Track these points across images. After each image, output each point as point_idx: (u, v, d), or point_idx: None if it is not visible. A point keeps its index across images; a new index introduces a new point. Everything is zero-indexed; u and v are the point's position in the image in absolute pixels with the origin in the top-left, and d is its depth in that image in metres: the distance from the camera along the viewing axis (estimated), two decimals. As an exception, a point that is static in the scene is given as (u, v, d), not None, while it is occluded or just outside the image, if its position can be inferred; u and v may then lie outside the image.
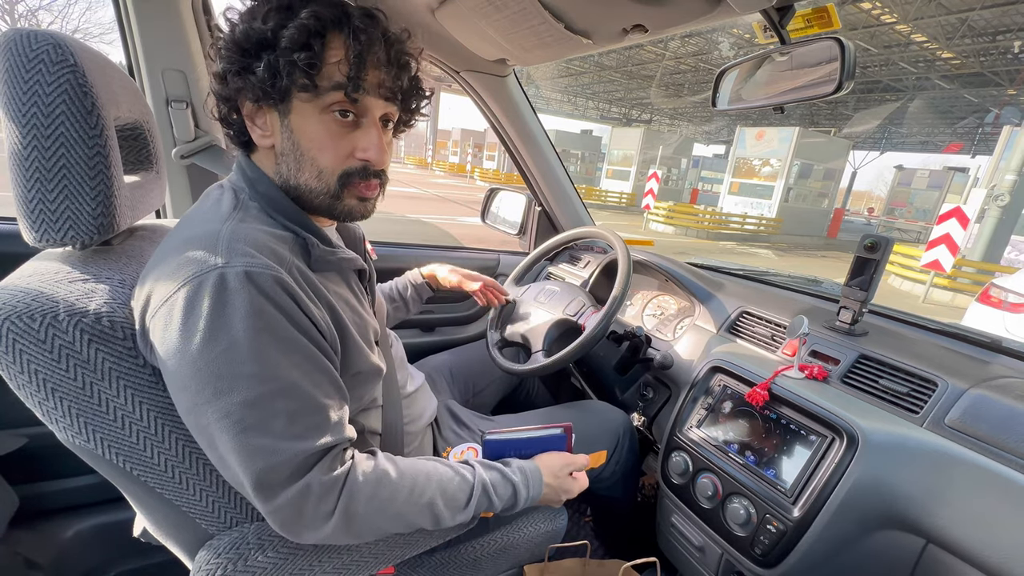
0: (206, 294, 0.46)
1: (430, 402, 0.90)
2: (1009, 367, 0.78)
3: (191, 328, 0.46)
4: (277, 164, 0.58)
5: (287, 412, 0.49)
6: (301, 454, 0.49)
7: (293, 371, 0.50)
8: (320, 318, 0.54)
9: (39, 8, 23.01)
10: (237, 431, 0.47)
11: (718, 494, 0.80)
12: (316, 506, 0.51)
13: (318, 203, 0.58)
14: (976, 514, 0.60)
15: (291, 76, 0.51)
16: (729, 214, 13.16)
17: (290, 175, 0.57)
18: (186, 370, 0.47)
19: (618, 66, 17.24)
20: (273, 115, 0.55)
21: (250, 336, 0.47)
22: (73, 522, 0.96)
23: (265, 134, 0.57)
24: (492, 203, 1.71)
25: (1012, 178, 6.91)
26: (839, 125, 20.49)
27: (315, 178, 0.56)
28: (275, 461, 0.48)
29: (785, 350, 0.92)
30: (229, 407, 0.47)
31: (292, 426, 0.49)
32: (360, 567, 0.63)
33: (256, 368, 0.47)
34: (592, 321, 0.98)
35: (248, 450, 0.48)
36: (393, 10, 0.58)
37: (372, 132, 0.57)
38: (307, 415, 0.51)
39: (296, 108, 0.54)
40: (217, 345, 0.46)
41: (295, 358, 0.50)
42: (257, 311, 0.47)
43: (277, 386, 0.48)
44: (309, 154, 0.55)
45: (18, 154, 0.48)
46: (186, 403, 0.48)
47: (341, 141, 0.56)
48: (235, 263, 0.48)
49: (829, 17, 0.70)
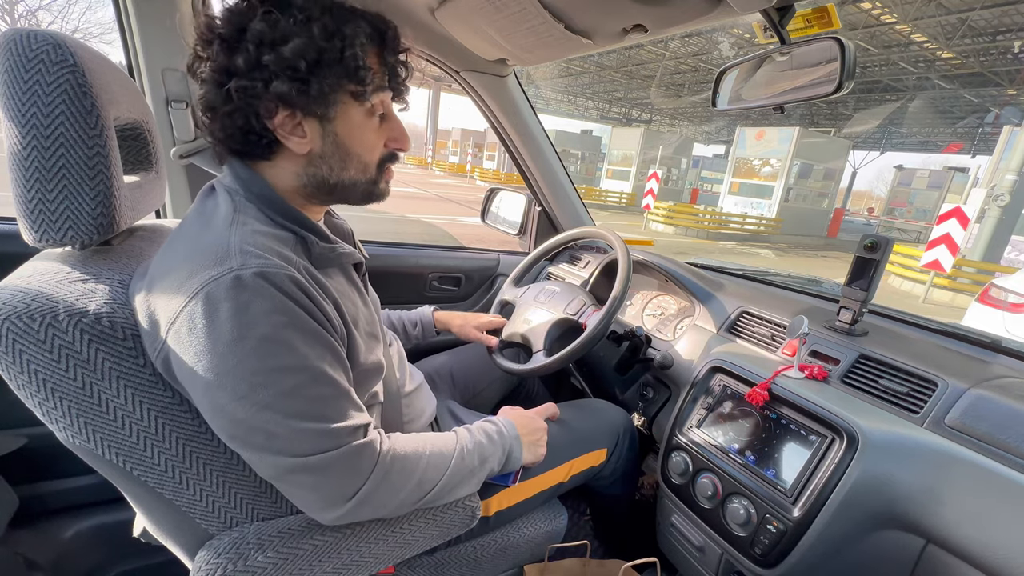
0: (225, 296, 0.47)
1: (429, 402, 0.90)
2: (1009, 367, 0.78)
3: (217, 330, 0.47)
4: (310, 167, 0.58)
5: (323, 397, 0.53)
6: (342, 433, 0.53)
7: (320, 361, 0.53)
8: (331, 314, 0.56)
9: (39, 8, 23.03)
10: (280, 419, 0.50)
11: (718, 494, 0.80)
12: (355, 478, 0.55)
13: (360, 192, 0.63)
14: (976, 514, 0.60)
15: (341, 87, 0.55)
16: (729, 214, 13.16)
17: (330, 174, 0.59)
18: (220, 370, 0.47)
19: (618, 66, 17.23)
20: (313, 123, 0.56)
21: (276, 331, 0.49)
22: (73, 522, 0.96)
23: (304, 141, 0.56)
24: (492, 203, 1.71)
25: (1012, 178, 6.91)
26: (839, 125, 20.49)
27: (361, 172, 0.61)
28: (320, 443, 0.52)
29: (785, 350, 0.92)
30: (268, 399, 0.49)
31: (329, 409, 0.53)
32: (360, 567, 0.63)
33: (289, 360, 0.50)
34: (593, 320, 0.98)
35: (293, 436, 0.50)
36: (393, 10, 0.58)
37: (398, 123, 0.63)
38: (339, 399, 0.54)
39: (340, 113, 0.56)
40: (246, 343, 0.48)
41: (318, 349, 0.53)
42: (279, 308, 0.49)
43: (310, 375, 0.51)
44: (355, 152, 0.59)
45: (18, 154, 0.48)
46: (222, 402, 0.49)
47: (378, 135, 0.61)
48: (250, 264, 0.48)
49: (829, 17, 0.70)
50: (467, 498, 0.70)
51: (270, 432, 0.50)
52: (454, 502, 0.69)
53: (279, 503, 0.61)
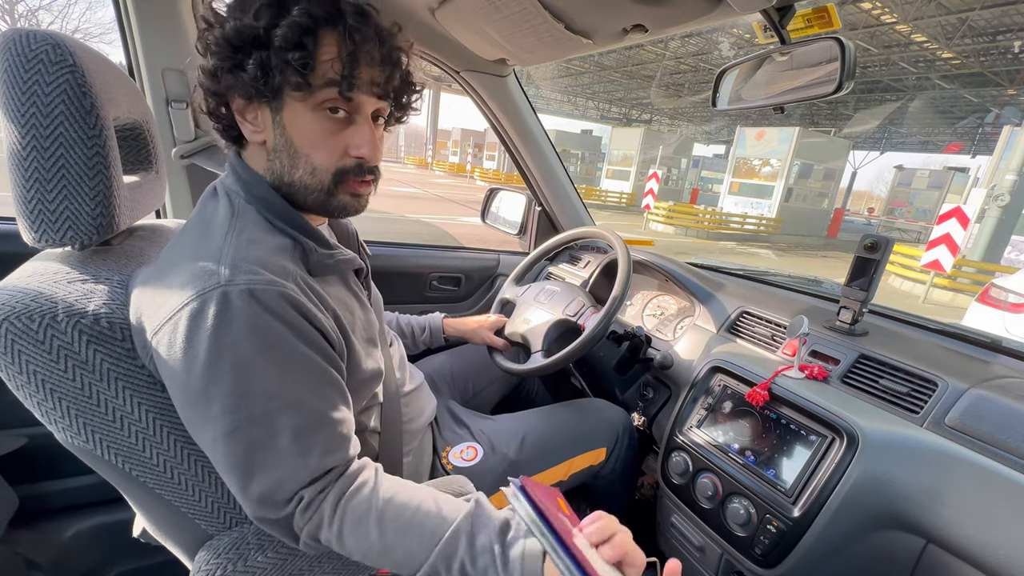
0: (210, 313, 0.46)
1: (429, 401, 0.90)
2: (1009, 367, 0.78)
3: (196, 347, 0.46)
4: (269, 160, 0.57)
5: (292, 428, 0.49)
6: (305, 471, 0.50)
7: (299, 387, 0.50)
8: (329, 327, 0.54)
9: (39, 8, 23.02)
10: (243, 447, 0.48)
11: (718, 494, 0.80)
12: (315, 523, 0.51)
13: (312, 200, 0.57)
14: (976, 514, 0.60)
15: (284, 74, 0.50)
16: (729, 214, 13.16)
17: (283, 172, 0.56)
18: (192, 388, 0.47)
19: (618, 66, 17.23)
20: (265, 111, 0.54)
21: (255, 354, 0.47)
22: (73, 522, 0.96)
23: (257, 130, 0.56)
24: (492, 203, 1.71)
25: (1012, 178, 6.91)
26: (839, 125, 20.49)
27: (309, 175, 0.56)
28: (278, 476, 0.49)
29: (785, 350, 0.92)
30: (236, 423, 0.47)
31: (297, 443, 0.49)
32: (360, 567, 0.63)
33: (262, 385, 0.48)
34: (592, 322, 0.98)
35: (252, 465, 0.48)
36: (392, 9, 0.57)
37: (365, 129, 0.56)
38: (312, 431, 0.51)
39: (289, 105, 0.53)
40: (222, 363, 0.46)
41: (300, 374, 0.50)
42: (262, 329, 0.48)
43: (282, 403, 0.49)
44: (303, 151, 0.55)
45: (17, 154, 0.48)
46: (193, 419, 0.49)
47: (334, 138, 0.55)
48: (238, 280, 0.47)
49: (829, 17, 0.70)
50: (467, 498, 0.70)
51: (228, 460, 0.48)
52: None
53: (279, 503, 0.60)
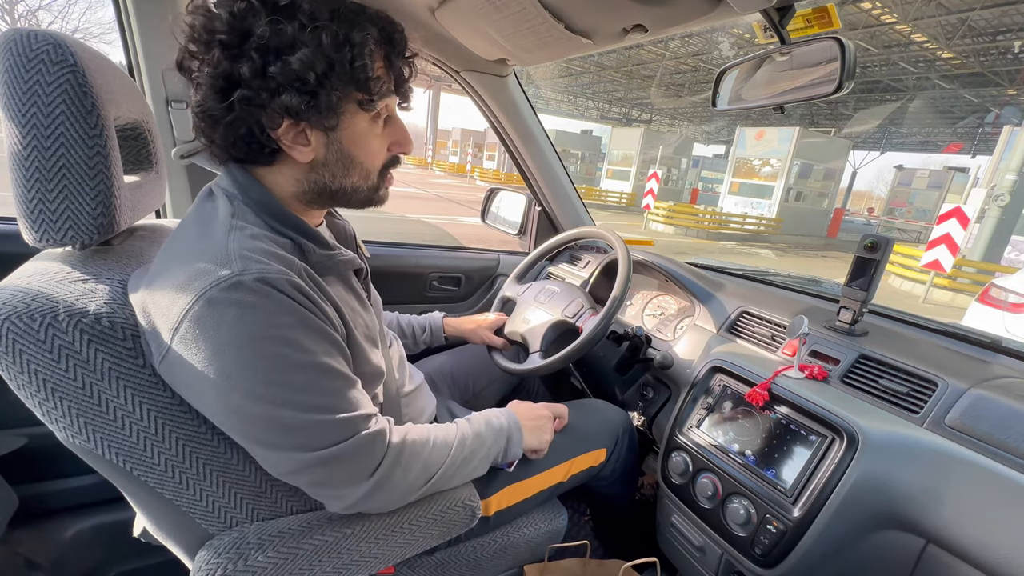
0: (230, 301, 0.47)
1: (429, 402, 0.90)
2: (1009, 367, 0.78)
3: (226, 334, 0.47)
4: (312, 173, 0.57)
5: (334, 390, 0.54)
6: (354, 422, 0.55)
7: (328, 356, 0.54)
8: (333, 316, 0.56)
9: (39, 8, 23.04)
10: (295, 414, 0.51)
11: (718, 494, 0.80)
12: (369, 463, 0.56)
13: (361, 198, 0.62)
14: (976, 514, 0.60)
15: (349, 96, 0.54)
16: (729, 214, 13.16)
17: (332, 181, 0.58)
18: (232, 372, 0.48)
19: (618, 66, 17.23)
20: (318, 132, 0.55)
21: (283, 330, 0.49)
22: (73, 522, 0.96)
23: (308, 150, 0.55)
24: (492, 203, 1.71)
25: (1012, 178, 6.91)
26: (839, 125, 20.49)
27: (363, 178, 0.60)
28: (336, 434, 0.53)
29: (785, 350, 0.92)
30: (283, 396, 0.50)
31: (340, 401, 0.54)
32: (360, 567, 0.63)
33: (299, 357, 0.51)
34: (590, 324, 0.98)
35: (309, 430, 0.52)
36: (393, 10, 0.58)
37: (401, 126, 0.62)
38: (348, 390, 0.56)
39: (346, 122, 0.55)
40: (256, 344, 0.48)
41: (324, 345, 0.54)
42: (284, 309, 0.50)
43: (320, 370, 0.53)
44: (358, 159, 0.58)
45: (18, 154, 0.48)
46: (236, 402, 0.49)
47: (380, 140, 0.60)
48: (250, 269, 0.48)
49: (829, 17, 0.70)
50: (467, 497, 0.70)
51: (286, 428, 0.51)
52: (454, 501, 0.69)
53: (279, 503, 0.61)
